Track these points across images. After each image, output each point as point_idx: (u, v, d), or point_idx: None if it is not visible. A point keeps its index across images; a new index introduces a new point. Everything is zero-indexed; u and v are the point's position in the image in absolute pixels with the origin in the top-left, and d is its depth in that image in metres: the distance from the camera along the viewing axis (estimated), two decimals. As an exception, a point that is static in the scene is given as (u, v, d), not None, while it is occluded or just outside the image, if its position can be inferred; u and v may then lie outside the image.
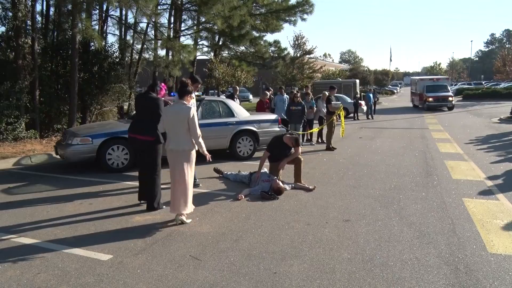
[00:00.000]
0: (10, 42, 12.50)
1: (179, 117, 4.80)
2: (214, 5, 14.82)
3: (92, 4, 12.60)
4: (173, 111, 4.91)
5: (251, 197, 6.09)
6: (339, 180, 7.28)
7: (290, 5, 21.37)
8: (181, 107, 4.84)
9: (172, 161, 4.91)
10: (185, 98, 4.93)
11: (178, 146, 4.84)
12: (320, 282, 3.43)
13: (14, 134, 11.04)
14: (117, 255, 4.00)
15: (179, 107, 4.85)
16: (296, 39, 36.68)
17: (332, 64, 67.54)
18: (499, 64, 48.21)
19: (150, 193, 5.49)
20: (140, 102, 5.75)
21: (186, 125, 4.79)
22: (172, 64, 15.15)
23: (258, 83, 37.23)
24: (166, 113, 5.06)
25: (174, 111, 4.90)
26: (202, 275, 3.57)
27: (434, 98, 25.94)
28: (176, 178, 4.90)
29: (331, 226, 4.83)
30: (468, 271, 3.63)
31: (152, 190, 5.48)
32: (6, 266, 3.79)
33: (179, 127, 4.81)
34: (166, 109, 5.20)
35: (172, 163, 4.92)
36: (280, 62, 25.78)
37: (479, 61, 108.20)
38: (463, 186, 6.69)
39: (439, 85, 27.37)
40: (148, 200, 5.52)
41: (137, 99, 5.99)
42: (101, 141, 7.80)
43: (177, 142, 4.85)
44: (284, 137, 6.92)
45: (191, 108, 4.87)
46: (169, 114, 4.95)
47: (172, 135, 4.90)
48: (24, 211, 5.48)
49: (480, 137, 13.06)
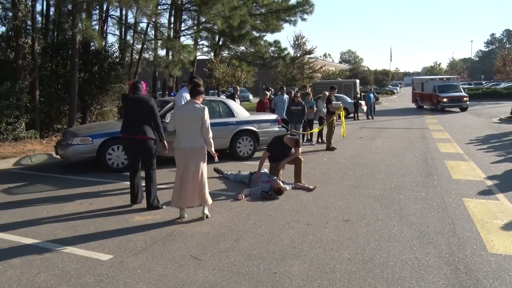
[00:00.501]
0: (10, 42, 12.51)
1: (193, 116, 4.90)
2: (214, 5, 14.82)
3: (92, 4, 12.60)
4: (187, 110, 4.97)
5: (251, 197, 6.09)
6: (339, 180, 7.28)
7: (290, 5, 21.38)
8: (195, 107, 4.94)
9: (184, 158, 4.96)
10: (198, 98, 5.04)
11: (193, 144, 4.93)
12: (320, 282, 3.43)
13: (14, 134, 11.05)
14: (117, 255, 4.00)
15: (193, 107, 4.95)
16: (296, 39, 36.70)
17: (332, 64, 67.55)
18: (499, 64, 48.26)
19: (149, 192, 5.52)
20: (131, 103, 5.60)
21: (200, 124, 4.91)
22: (172, 64, 15.16)
23: (258, 83, 37.26)
24: (179, 112, 5.07)
25: (188, 110, 4.97)
26: (202, 275, 3.57)
27: (449, 99, 24.95)
28: (189, 175, 4.96)
29: (331, 226, 4.82)
30: (468, 271, 3.63)
31: (152, 188, 5.53)
32: (6, 266, 3.79)
33: (194, 126, 4.92)
34: (179, 109, 5.20)
35: (184, 160, 4.96)
36: (280, 62, 25.79)
37: (479, 61, 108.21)
38: (463, 186, 6.69)
39: (451, 85, 26.45)
40: (148, 199, 5.53)
41: (127, 100, 5.73)
42: (101, 141, 7.80)
43: (192, 140, 4.93)
44: (284, 138, 6.92)
45: (205, 108, 4.98)
46: (183, 113, 4.99)
47: (184, 133, 4.96)
48: (24, 211, 5.48)
49: (480, 137, 13.06)
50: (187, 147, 4.93)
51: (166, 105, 8.60)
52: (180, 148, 4.98)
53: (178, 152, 5.01)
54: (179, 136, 5.00)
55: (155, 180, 5.61)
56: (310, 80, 34.61)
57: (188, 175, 4.96)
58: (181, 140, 4.97)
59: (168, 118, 8.31)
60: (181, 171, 5.00)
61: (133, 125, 5.53)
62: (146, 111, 5.49)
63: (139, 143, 5.50)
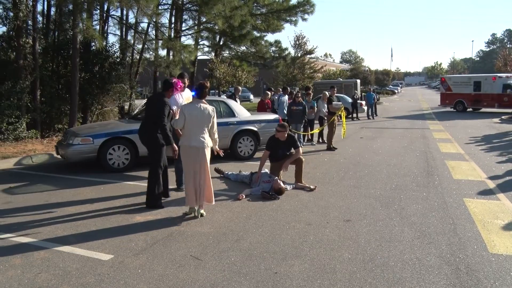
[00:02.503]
0: (11, 42, 12.50)
1: (204, 116, 5.08)
2: (215, 5, 14.81)
3: (93, 4, 12.59)
4: (197, 110, 5.07)
5: (252, 197, 6.09)
6: (340, 180, 7.28)
7: (291, 5, 21.35)
8: (205, 107, 5.11)
9: (194, 157, 5.07)
10: (205, 98, 5.30)
11: (202, 144, 5.06)
12: (321, 282, 3.43)
13: (15, 134, 11.05)
14: (118, 255, 4.00)
15: (203, 107, 5.10)
16: (297, 39, 36.63)
17: (333, 64, 67.53)
18: (500, 64, 48.10)
19: (148, 189, 5.63)
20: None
21: (209, 124, 5.10)
22: (173, 64, 15.14)
23: (259, 83, 37.26)
24: (191, 112, 5.09)
25: (198, 110, 5.07)
26: (203, 275, 3.57)
27: None
28: (202, 173, 5.10)
29: (332, 226, 4.82)
30: (469, 271, 3.62)
31: (151, 186, 5.59)
32: (7, 265, 3.79)
33: (203, 126, 5.09)
34: (187, 108, 5.18)
35: (193, 158, 5.07)
36: (281, 62, 25.74)
37: (480, 61, 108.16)
38: (464, 186, 6.68)
39: None
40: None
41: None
42: (102, 141, 7.80)
43: (200, 139, 5.06)
44: (275, 134, 6.88)
45: (213, 108, 5.20)
46: (193, 113, 5.06)
47: (193, 133, 5.06)
48: (25, 211, 5.48)
49: (481, 137, 13.05)
50: (196, 146, 5.04)
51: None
52: (187, 146, 5.07)
53: (188, 151, 5.09)
54: (189, 135, 5.08)
55: (156, 178, 5.56)
56: (311, 80, 34.58)
57: (202, 173, 5.10)
58: (191, 139, 5.06)
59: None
60: (191, 169, 5.10)
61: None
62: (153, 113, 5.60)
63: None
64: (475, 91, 24.48)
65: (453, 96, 25.80)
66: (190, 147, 5.06)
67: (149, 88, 26.24)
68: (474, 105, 24.94)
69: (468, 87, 24.98)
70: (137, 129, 8.33)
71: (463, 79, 26.33)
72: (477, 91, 24.43)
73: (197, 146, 5.04)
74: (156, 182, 5.53)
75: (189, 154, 5.10)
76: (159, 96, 5.66)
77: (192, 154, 5.07)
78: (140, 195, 6.20)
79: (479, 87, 24.32)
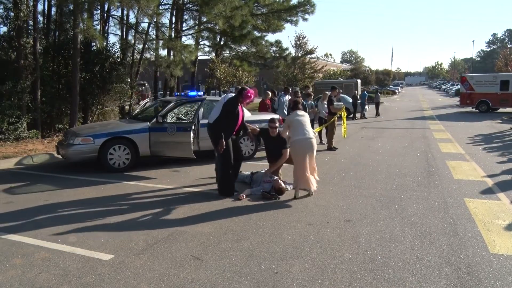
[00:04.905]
0: (12, 42, 12.51)
1: (306, 117, 6.43)
2: (215, 5, 14.82)
3: (93, 4, 12.61)
4: (303, 113, 6.39)
5: (252, 197, 6.09)
6: (340, 180, 7.28)
7: (292, 5, 21.37)
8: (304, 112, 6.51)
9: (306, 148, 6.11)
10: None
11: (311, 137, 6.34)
12: (321, 282, 3.43)
13: (16, 134, 11.06)
14: (119, 255, 4.00)
15: (303, 112, 6.48)
16: (298, 39, 36.60)
17: (334, 64, 67.51)
18: (501, 64, 48.04)
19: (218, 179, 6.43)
20: None
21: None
22: (173, 64, 15.16)
23: (260, 83, 37.26)
24: (297, 119, 6.26)
25: (304, 114, 6.41)
26: (203, 275, 3.57)
27: None
28: (312, 161, 6.18)
29: (332, 226, 4.82)
30: (469, 271, 3.62)
31: (217, 176, 6.46)
32: (8, 265, 3.80)
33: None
34: (296, 115, 6.34)
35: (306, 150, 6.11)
36: (282, 62, 25.75)
37: (481, 61, 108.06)
38: (465, 186, 6.68)
39: None
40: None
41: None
42: (103, 141, 7.80)
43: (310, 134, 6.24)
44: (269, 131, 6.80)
45: None
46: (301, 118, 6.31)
47: (303, 131, 6.17)
48: (26, 211, 5.49)
49: (482, 137, 13.04)
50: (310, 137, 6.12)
51: (167, 105, 8.58)
52: (306, 138, 6.04)
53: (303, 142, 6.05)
54: (300, 132, 6.08)
55: (221, 169, 6.25)
56: (311, 80, 34.57)
57: (311, 161, 6.12)
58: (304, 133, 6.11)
59: (169, 119, 8.31)
60: (305, 158, 5.98)
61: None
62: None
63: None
64: (502, 91, 23.28)
65: (476, 96, 24.30)
66: (304, 139, 6.04)
67: (149, 88, 26.22)
68: (501, 105, 23.73)
69: (494, 87, 23.65)
70: (137, 129, 8.33)
71: (487, 78, 24.88)
72: (504, 91, 23.23)
73: (310, 137, 6.19)
74: (221, 171, 6.25)
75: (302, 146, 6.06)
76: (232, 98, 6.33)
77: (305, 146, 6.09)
78: (140, 195, 6.20)
79: (507, 86, 23.16)
